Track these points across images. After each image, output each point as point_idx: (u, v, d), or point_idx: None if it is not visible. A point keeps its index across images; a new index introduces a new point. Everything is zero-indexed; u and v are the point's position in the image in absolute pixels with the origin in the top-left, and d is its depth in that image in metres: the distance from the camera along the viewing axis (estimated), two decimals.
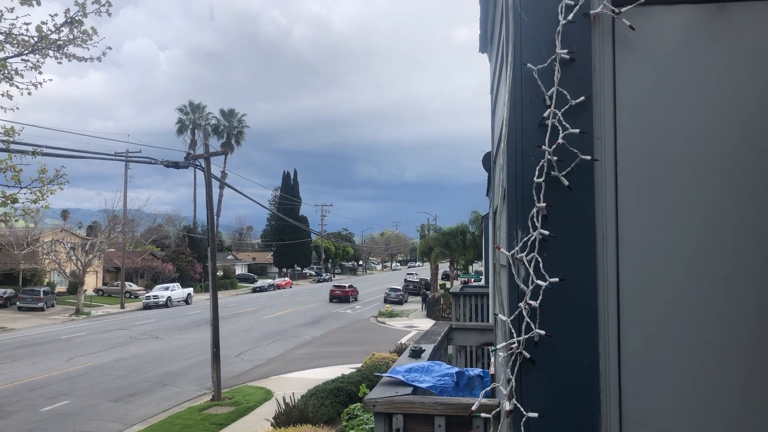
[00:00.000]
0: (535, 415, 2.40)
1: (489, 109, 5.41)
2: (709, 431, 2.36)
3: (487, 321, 12.54)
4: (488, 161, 8.73)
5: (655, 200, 2.43)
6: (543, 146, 2.45)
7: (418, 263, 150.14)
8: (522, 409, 2.42)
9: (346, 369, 21.01)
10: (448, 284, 58.20)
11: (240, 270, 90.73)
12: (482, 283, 26.55)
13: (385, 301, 56.29)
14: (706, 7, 2.44)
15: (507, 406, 2.46)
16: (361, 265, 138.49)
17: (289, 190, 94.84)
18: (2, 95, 8.98)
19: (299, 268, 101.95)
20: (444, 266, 72.19)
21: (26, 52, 8.99)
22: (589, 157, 2.43)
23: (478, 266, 59.60)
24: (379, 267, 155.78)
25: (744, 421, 2.34)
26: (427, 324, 33.04)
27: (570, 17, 2.45)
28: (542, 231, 2.44)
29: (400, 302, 56.73)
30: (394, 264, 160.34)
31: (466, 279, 48.18)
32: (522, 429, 2.41)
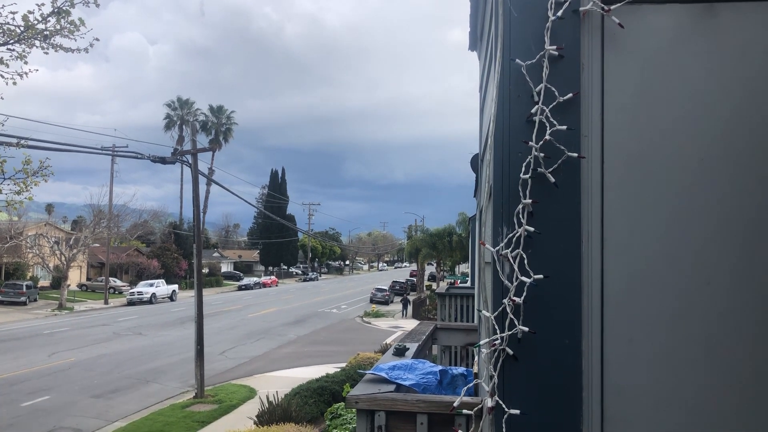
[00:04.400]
0: (517, 412, 2.39)
1: (478, 112, 5.41)
2: (692, 430, 2.36)
3: (473, 322, 12.55)
4: (476, 163, 8.74)
5: (641, 199, 2.43)
6: (530, 142, 2.45)
7: (405, 264, 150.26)
8: (504, 406, 2.41)
9: (331, 368, 20.96)
10: (434, 285, 58.26)
11: (226, 268, 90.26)
12: (468, 284, 26.59)
13: (371, 301, 56.22)
14: (695, 6, 2.44)
15: (489, 402, 2.45)
16: (347, 264, 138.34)
17: (276, 188, 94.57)
18: None
19: (285, 267, 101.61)
20: (431, 268, 72.38)
21: (12, 41, 8.88)
22: (575, 155, 2.43)
23: (464, 268, 59.76)
24: (365, 267, 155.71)
25: (726, 419, 2.34)
26: (412, 324, 33.00)
27: (559, 13, 2.45)
28: (527, 228, 2.43)
29: (386, 302, 56.67)
30: (380, 264, 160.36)
31: (452, 280, 48.27)
32: (503, 426, 2.40)
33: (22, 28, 8.72)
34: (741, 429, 2.33)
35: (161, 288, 56.06)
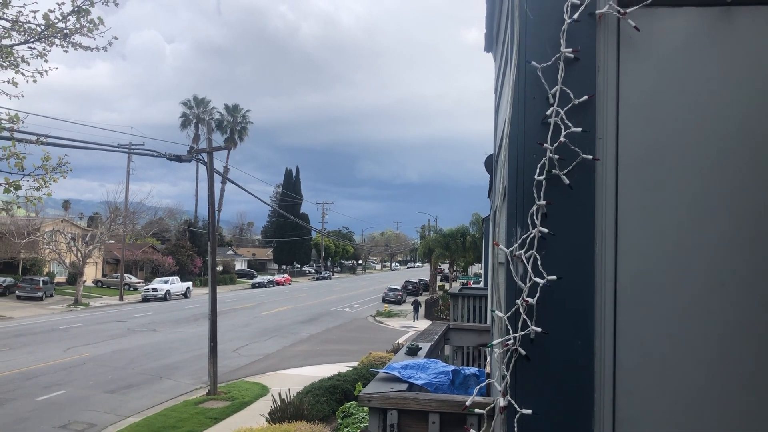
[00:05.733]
0: (529, 411, 2.40)
1: (493, 112, 5.42)
2: None
3: (485, 323, 12.54)
4: (490, 163, 8.74)
5: (655, 201, 2.44)
6: (545, 144, 2.46)
7: (417, 264, 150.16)
8: (516, 406, 2.42)
9: (343, 367, 21.01)
10: (447, 286, 58.19)
11: (239, 265, 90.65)
12: (481, 285, 26.55)
13: (384, 300, 56.25)
14: (711, 10, 2.44)
15: (501, 402, 2.46)
16: (360, 264, 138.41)
17: (290, 187, 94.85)
18: (8, 82, 9.01)
19: (299, 266, 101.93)
20: (444, 268, 72.30)
21: (32, 39, 9.00)
22: (590, 157, 2.44)
23: (477, 268, 59.65)
24: (378, 267, 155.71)
25: (738, 422, 2.34)
26: (425, 325, 33.01)
27: (575, 16, 2.46)
28: (541, 229, 2.44)
29: (398, 302, 56.67)
30: (393, 264, 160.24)
31: (465, 281, 48.15)
32: (515, 425, 2.41)
33: (42, 27, 8.85)
34: None
35: (175, 285, 56.44)
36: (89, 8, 8.87)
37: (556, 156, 2.44)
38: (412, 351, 5.46)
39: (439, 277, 68.14)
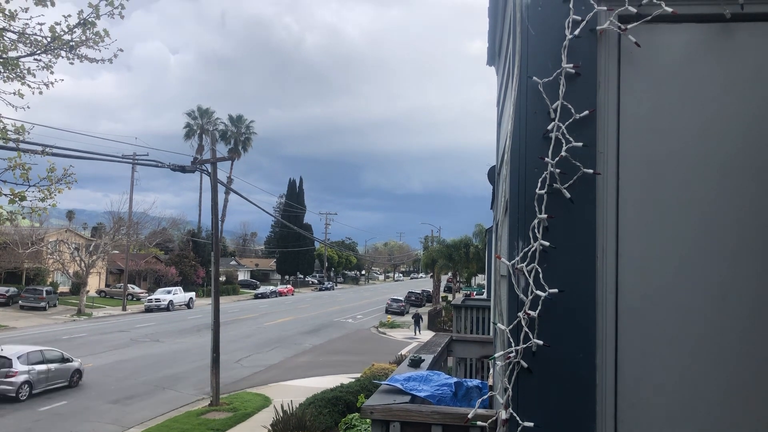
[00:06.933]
0: (531, 424, 2.41)
1: (495, 124, 5.45)
2: None
3: (488, 334, 12.51)
4: (493, 175, 8.76)
5: (656, 214, 2.45)
6: (546, 158, 2.48)
7: (421, 275, 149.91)
8: (518, 419, 2.43)
9: (346, 378, 20.97)
10: (450, 296, 58.09)
11: (242, 276, 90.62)
12: (484, 296, 26.49)
13: (387, 311, 56.15)
14: (711, 26, 2.47)
15: (503, 415, 2.47)
16: (363, 274, 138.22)
17: (294, 198, 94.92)
18: (14, 94, 9.06)
19: (302, 276, 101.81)
20: (448, 278, 72.20)
21: (39, 51, 9.06)
22: (591, 171, 2.46)
23: (480, 279, 59.52)
24: (381, 277, 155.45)
25: None
26: (428, 336, 32.93)
27: (576, 32, 2.49)
28: (543, 242, 2.46)
29: (401, 313, 56.55)
30: (396, 275, 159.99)
31: (469, 292, 48.03)
32: None
33: (48, 39, 8.91)
34: None
35: (178, 295, 56.43)
36: (95, 21, 8.93)
37: (558, 170, 2.47)
38: (415, 363, 5.46)
39: (442, 288, 68.02)
